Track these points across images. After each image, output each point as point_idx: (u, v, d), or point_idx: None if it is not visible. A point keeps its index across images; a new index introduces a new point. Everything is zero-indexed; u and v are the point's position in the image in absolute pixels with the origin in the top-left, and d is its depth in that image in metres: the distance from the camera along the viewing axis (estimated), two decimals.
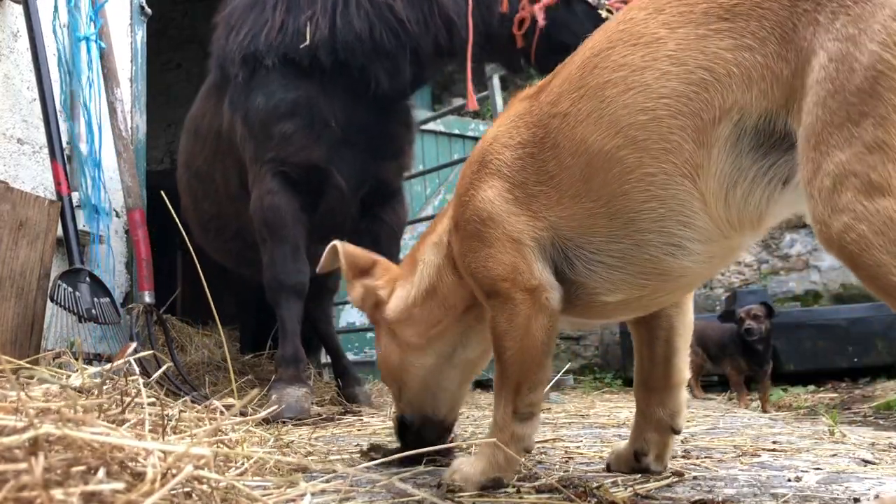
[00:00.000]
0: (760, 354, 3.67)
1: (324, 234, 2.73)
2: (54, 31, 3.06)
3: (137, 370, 0.96)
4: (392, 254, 2.80)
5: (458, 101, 4.98)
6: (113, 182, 3.49)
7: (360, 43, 2.37)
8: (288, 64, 2.45)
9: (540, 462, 1.36)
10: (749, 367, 3.73)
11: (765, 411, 3.66)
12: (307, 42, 2.38)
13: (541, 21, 2.24)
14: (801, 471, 1.25)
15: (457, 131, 5.11)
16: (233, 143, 2.60)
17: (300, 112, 2.42)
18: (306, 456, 1.32)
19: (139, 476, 0.82)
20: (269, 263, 2.47)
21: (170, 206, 1.35)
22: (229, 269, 3.50)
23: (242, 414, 1.51)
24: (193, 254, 1.27)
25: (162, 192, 1.37)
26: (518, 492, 1.06)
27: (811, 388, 4.40)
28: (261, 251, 2.53)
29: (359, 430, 2.00)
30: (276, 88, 2.44)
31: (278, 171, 2.44)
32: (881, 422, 2.59)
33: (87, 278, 2.77)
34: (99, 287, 2.83)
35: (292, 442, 1.48)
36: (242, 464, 1.02)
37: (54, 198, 2.79)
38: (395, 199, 2.82)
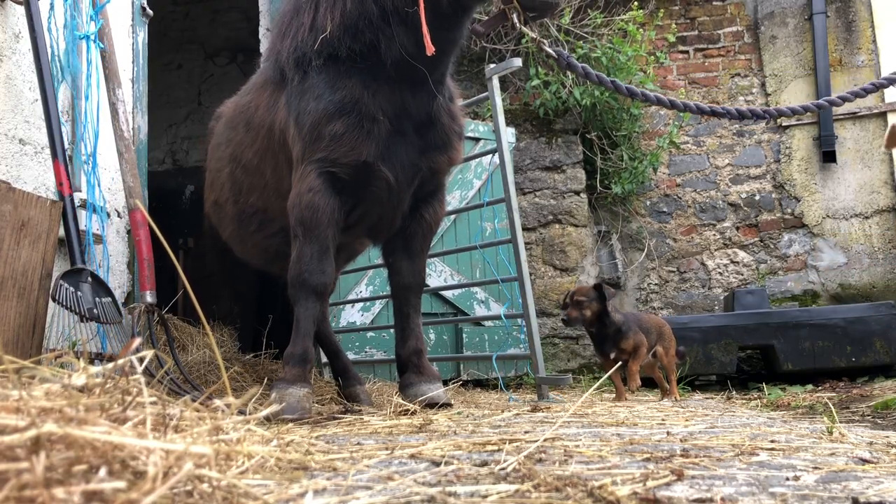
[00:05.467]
0: (602, 341, 3.38)
1: (371, 225, 2.72)
2: (49, 30, 3.05)
3: (139, 368, 0.96)
4: (423, 250, 2.79)
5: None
6: (115, 182, 3.50)
7: (359, 18, 2.41)
8: (332, 62, 2.49)
9: (539, 461, 1.36)
10: (602, 355, 3.45)
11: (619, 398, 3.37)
12: (327, 32, 2.42)
13: None
14: (800, 470, 1.26)
15: None
16: (286, 141, 2.63)
17: (348, 110, 2.44)
18: (307, 455, 1.33)
19: (140, 475, 0.83)
20: (296, 260, 2.49)
21: (151, 221, 1.35)
22: (254, 266, 3.50)
23: (242, 413, 1.52)
24: (176, 261, 1.26)
25: (146, 213, 1.37)
26: (517, 491, 1.07)
27: (809, 387, 4.40)
28: (291, 247, 2.54)
29: (359, 429, 2.01)
30: (323, 90, 2.47)
31: (325, 171, 2.45)
32: (879, 421, 2.59)
33: (89, 278, 2.78)
34: (100, 287, 2.83)
35: (293, 441, 1.49)
36: (243, 462, 1.02)
37: (56, 198, 2.80)
38: (437, 197, 2.83)
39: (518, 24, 2.27)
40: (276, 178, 2.81)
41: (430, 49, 2.27)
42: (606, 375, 2.48)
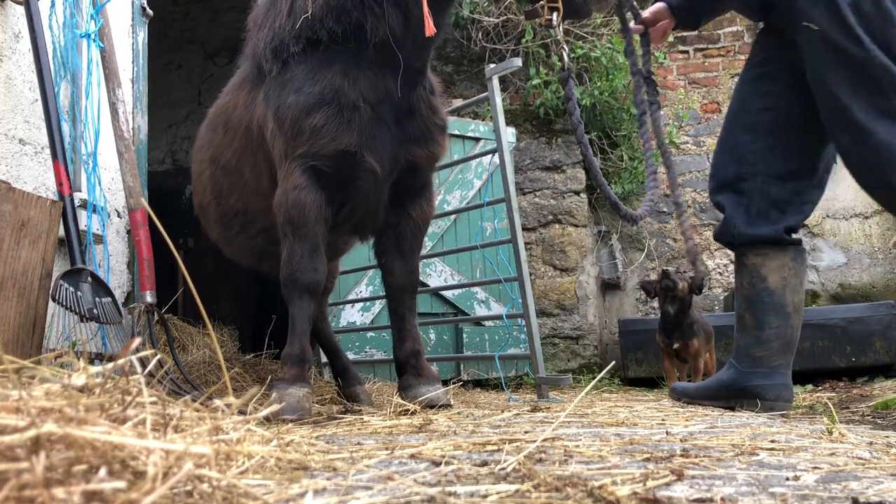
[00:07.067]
0: (672, 327, 3.56)
1: (356, 221, 2.69)
2: (50, 28, 3.05)
3: (139, 368, 0.96)
4: (414, 249, 2.78)
5: (457, 102, 4.98)
6: (115, 182, 3.51)
7: None
8: (312, 48, 2.46)
9: (539, 461, 1.36)
10: (666, 338, 3.60)
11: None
12: (308, 13, 2.39)
13: None
14: (800, 470, 1.26)
15: (456, 132, 5.12)
16: (264, 138, 2.59)
17: (328, 101, 2.41)
18: (307, 455, 1.33)
19: (140, 475, 0.83)
20: (287, 260, 2.46)
21: (155, 218, 1.35)
22: (244, 266, 3.48)
23: (242, 413, 1.52)
24: (180, 261, 1.27)
25: (151, 213, 1.37)
26: (517, 491, 1.07)
27: (809, 387, 4.40)
28: (281, 246, 2.52)
29: (359, 429, 2.01)
30: (303, 82, 2.44)
31: (309, 166, 2.42)
32: (879, 421, 2.59)
33: (89, 278, 2.78)
34: (100, 287, 2.83)
35: (293, 441, 1.49)
36: (243, 462, 1.02)
37: (56, 198, 2.80)
38: (424, 195, 2.78)
39: (556, 23, 2.26)
40: (255, 177, 2.78)
41: (431, 30, 2.25)
42: (603, 373, 2.49)
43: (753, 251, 2.67)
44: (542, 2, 2.26)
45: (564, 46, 2.41)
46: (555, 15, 2.25)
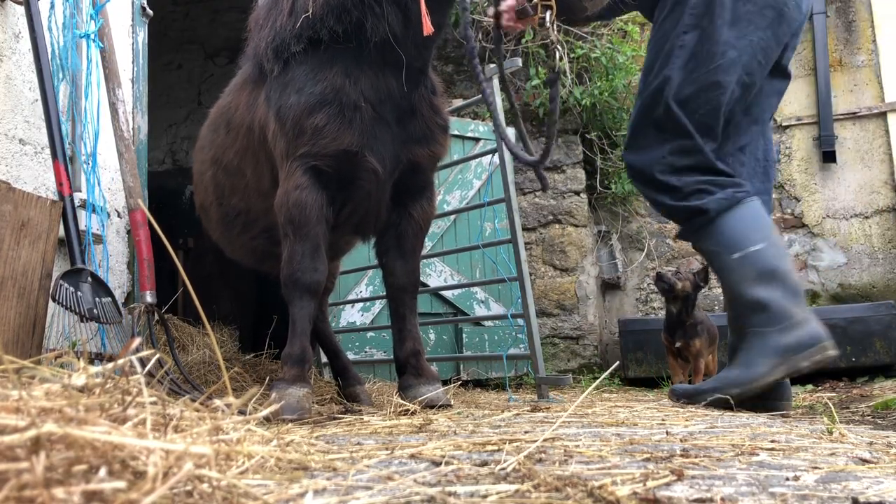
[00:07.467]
0: (675, 326, 3.56)
1: (358, 221, 2.69)
2: (49, 29, 3.05)
3: (139, 368, 0.96)
4: (415, 249, 2.77)
5: (457, 102, 4.98)
6: (115, 182, 3.51)
7: None
8: (313, 48, 2.46)
9: (539, 461, 1.36)
10: (669, 337, 3.61)
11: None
12: (309, 13, 2.40)
13: None
14: (800, 470, 1.26)
15: (456, 132, 5.12)
16: (266, 138, 2.59)
17: (329, 101, 2.41)
18: (307, 455, 1.33)
19: (140, 475, 0.83)
20: (287, 260, 2.46)
21: (154, 222, 1.35)
22: (245, 266, 3.48)
23: (242, 413, 1.52)
24: (178, 263, 1.27)
25: (148, 213, 1.36)
26: (517, 491, 1.07)
27: (809, 387, 4.40)
28: (282, 246, 2.52)
29: (359, 429, 2.01)
30: (304, 83, 2.44)
31: (310, 166, 2.42)
32: (879, 421, 2.59)
33: (89, 278, 2.78)
34: (100, 287, 2.84)
35: (293, 441, 1.49)
36: (243, 462, 1.02)
37: (56, 198, 2.80)
38: (425, 195, 2.78)
39: (549, 24, 2.25)
40: (257, 178, 2.78)
41: (429, 29, 2.25)
42: (605, 374, 2.49)
43: None
44: (534, 0, 2.26)
45: (558, 47, 2.40)
46: (548, 14, 2.25)
